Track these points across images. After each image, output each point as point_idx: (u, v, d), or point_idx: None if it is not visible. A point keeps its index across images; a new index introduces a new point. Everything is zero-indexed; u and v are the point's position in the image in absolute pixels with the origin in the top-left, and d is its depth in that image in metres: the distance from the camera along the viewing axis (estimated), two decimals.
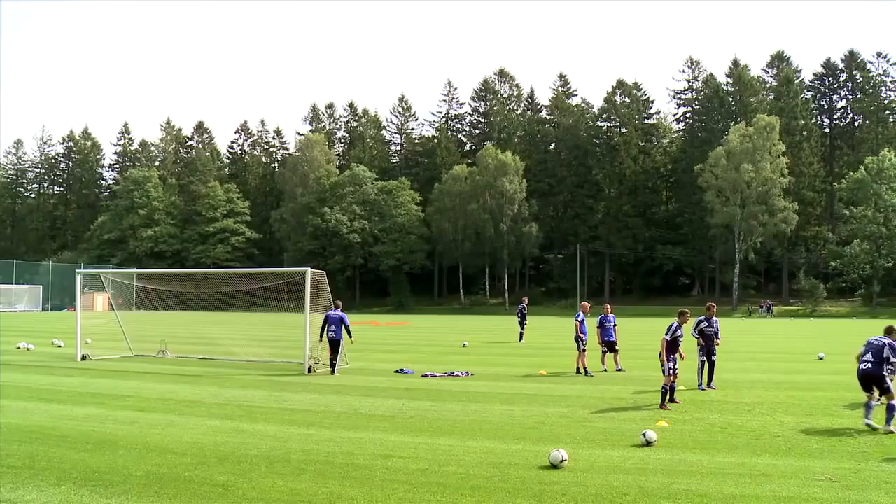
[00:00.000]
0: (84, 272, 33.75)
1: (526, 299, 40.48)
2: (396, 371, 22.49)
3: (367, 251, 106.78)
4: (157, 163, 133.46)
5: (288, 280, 29.88)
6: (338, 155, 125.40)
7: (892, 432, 12.54)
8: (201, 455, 10.75)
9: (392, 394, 17.51)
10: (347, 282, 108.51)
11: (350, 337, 22.07)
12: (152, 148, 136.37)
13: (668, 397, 15.53)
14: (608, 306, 23.74)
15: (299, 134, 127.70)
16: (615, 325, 22.87)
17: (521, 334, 36.80)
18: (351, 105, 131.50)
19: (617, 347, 22.68)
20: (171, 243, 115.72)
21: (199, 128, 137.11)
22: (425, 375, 21.32)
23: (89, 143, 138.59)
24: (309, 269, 23.17)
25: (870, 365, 13.25)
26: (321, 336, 21.95)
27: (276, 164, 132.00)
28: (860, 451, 11.38)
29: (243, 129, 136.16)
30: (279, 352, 27.58)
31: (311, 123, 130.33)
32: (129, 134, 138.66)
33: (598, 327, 22.66)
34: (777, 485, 9.30)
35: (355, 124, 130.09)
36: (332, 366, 21.91)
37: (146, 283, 37.71)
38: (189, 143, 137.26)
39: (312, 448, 11.29)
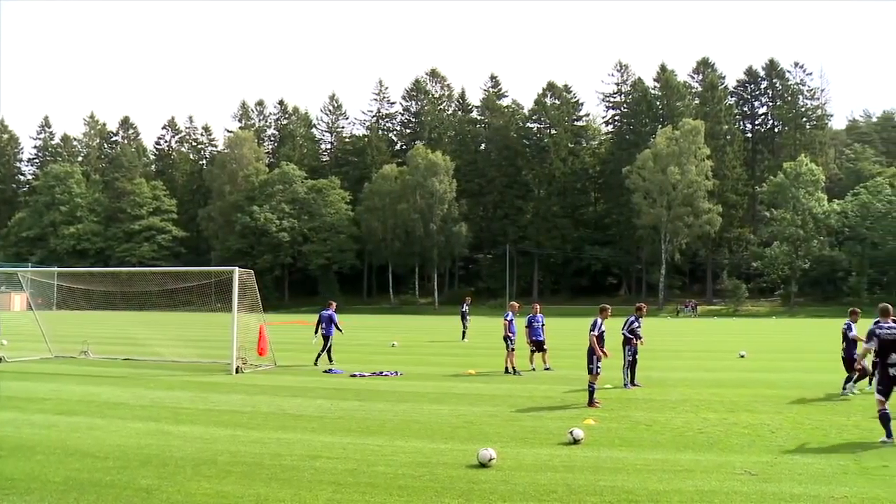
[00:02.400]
0: (0, 270, 32.74)
1: (469, 299, 40.78)
2: (325, 371, 22.39)
3: (296, 250, 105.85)
4: (79, 158, 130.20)
5: (215, 279, 29.46)
6: (267, 153, 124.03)
7: None
8: (124, 458, 10.52)
9: (320, 394, 17.41)
10: (276, 281, 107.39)
11: (340, 331, 24.84)
12: (75, 143, 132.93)
13: (593, 396, 15.70)
14: (536, 306, 23.99)
15: (228, 131, 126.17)
16: (543, 325, 23.09)
17: (463, 333, 37.14)
18: (281, 103, 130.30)
19: (545, 347, 22.89)
20: (95, 241, 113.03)
21: (125, 123, 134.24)
22: (354, 375, 21.25)
23: (6, 136, 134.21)
24: (237, 269, 22.87)
25: None
26: (315, 332, 24.64)
27: (205, 162, 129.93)
28: (777, 445, 11.73)
29: (171, 126, 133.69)
30: (206, 352, 27.17)
31: (240, 121, 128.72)
32: (49, 128, 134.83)
33: (526, 326, 22.85)
34: (699, 480, 9.51)
35: (285, 122, 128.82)
36: (317, 357, 24.01)
37: (68, 282, 36.72)
38: (114, 138, 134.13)
39: (239, 449, 11.15)
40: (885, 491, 9.05)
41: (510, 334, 22.51)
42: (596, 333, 15.86)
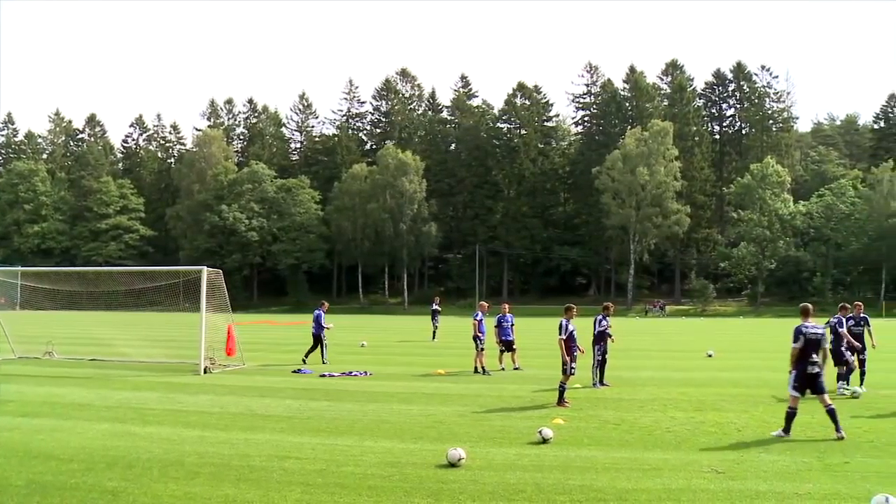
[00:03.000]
0: None
1: (438, 298, 40.81)
2: (294, 371, 22.30)
3: (265, 250, 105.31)
4: (44, 156, 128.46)
5: (184, 279, 29.16)
6: (236, 151, 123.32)
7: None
8: (89, 461, 10.39)
9: (289, 394, 17.33)
10: (245, 281, 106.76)
11: (327, 328, 25.07)
12: (39, 140, 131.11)
13: (563, 395, 15.75)
14: (506, 306, 24.05)
15: (197, 129, 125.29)
16: (513, 325, 23.13)
17: (434, 333, 37.19)
18: (250, 101, 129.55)
19: (515, 347, 22.94)
20: (60, 240, 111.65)
21: (91, 120, 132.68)
22: (323, 375, 21.19)
23: None
24: (205, 268, 22.70)
25: None
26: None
27: (173, 160, 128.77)
28: (743, 443, 11.87)
29: (138, 123, 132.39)
30: (174, 352, 26.93)
31: (209, 119, 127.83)
32: (13, 124, 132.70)
33: (495, 326, 22.88)
34: (667, 478, 9.60)
35: (255, 121, 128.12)
36: (322, 356, 24.57)
37: (32, 282, 36.20)
38: (80, 135, 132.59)
39: (207, 450, 11.07)
40: (846, 487, 9.20)
41: (479, 334, 22.55)
42: (563, 337, 15.83)
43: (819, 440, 12.16)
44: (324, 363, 24.17)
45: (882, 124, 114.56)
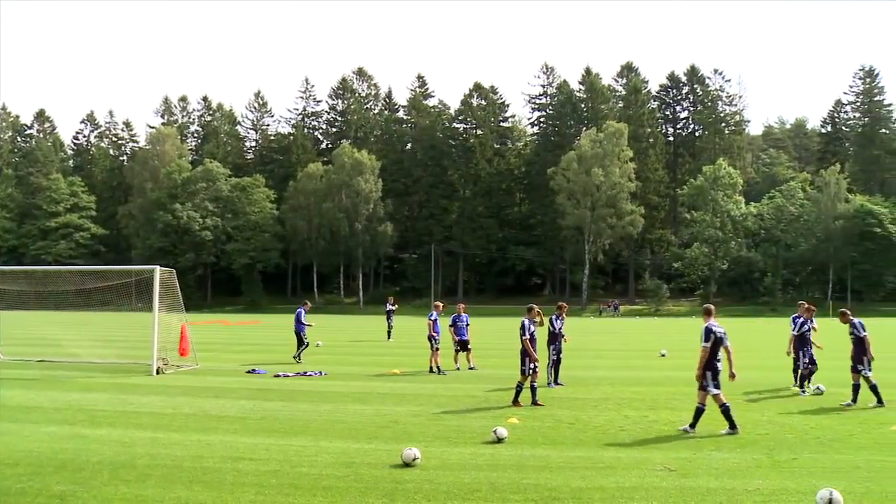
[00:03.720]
0: None
1: (392, 298, 40.78)
2: (248, 371, 22.14)
3: (219, 249, 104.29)
4: None
5: (136, 278, 28.78)
6: (190, 150, 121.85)
7: None
8: (37, 464, 10.19)
9: (243, 395, 17.20)
10: (199, 280, 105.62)
11: (307, 325, 25.59)
12: None
13: (519, 395, 15.75)
14: (461, 306, 24.09)
15: (150, 127, 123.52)
16: (468, 325, 23.19)
17: (388, 332, 37.16)
18: (205, 99, 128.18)
19: (470, 346, 22.99)
20: (7, 238, 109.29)
21: (40, 116, 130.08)
22: (278, 375, 21.07)
23: None
24: (158, 268, 22.44)
25: None
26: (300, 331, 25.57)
27: (125, 158, 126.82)
28: (695, 441, 12.04)
29: (90, 120, 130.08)
30: (126, 353, 26.56)
31: (162, 116, 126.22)
32: None
33: (450, 326, 22.91)
34: (621, 476, 9.70)
35: (209, 119, 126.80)
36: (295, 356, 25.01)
37: None
38: (28, 131, 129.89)
39: (159, 452, 10.93)
40: (794, 483, 9.39)
41: (434, 334, 22.59)
42: (527, 336, 15.84)
43: (768, 437, 12.38)
44: (296, 360, 24.68)
45: (829, 129, 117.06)
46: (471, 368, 22.59)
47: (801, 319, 18.16)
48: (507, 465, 10.28)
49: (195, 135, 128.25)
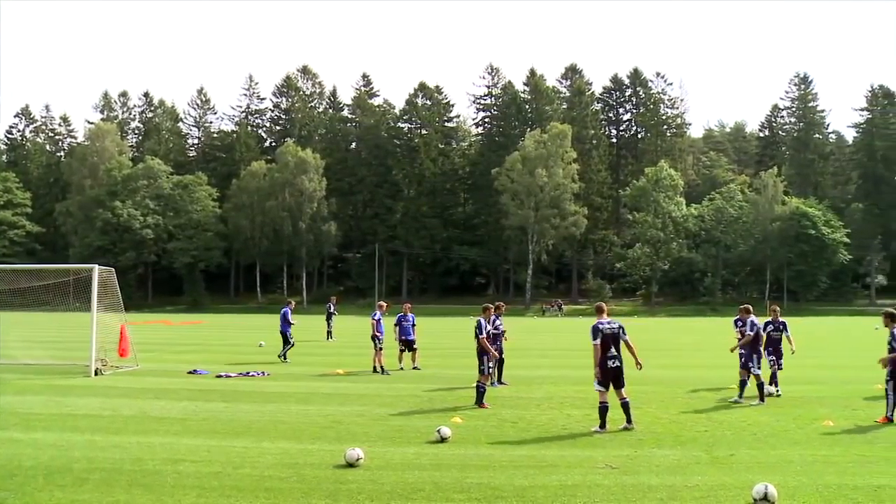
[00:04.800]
0: None
1: (334, 298, 40.58)
2: (189, 372, 21.85)
3: (160, 248, 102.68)
4: None
5: (74, 277, 28.19)
6: (131, 146, 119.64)
7: None
8: None
9: (185, 395, 16.99)
10: (139, 279, 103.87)
11: (292, 324, 25.66)
12: None
13: (483, 395, 15.66)
14: (407, 305, 24.07)
15: (89, 122, 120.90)
16: (414, 325, 23.18)
17: (329, 332, 36.99)
18: (146, 94, 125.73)
19: (415, 346, 23.00)
20: None
21: None
22: (220, 376, 20.85)
23: None
24: (97, 266, 22.03)
25: None
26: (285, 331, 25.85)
27: (63, 154, 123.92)
28: (636, 439, 12.20)
29: (24, 114, 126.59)
30: (63, 354, 25.98)
31: (102, 112, 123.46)
32: None
33: (395, 325, 22.90)
34: (563, 474, 9.79)
35: (150, 115, 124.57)
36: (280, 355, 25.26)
37: None
38: None
39: (97, 455, 10.73)
40: (731, 478, 9.59)
41: (378, 334, 22.52)
42: (483, 336, 15.82)
43: (707, 434, 12.61)
44: (282, 359, 25.07)
45: (766, 133, 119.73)
46: (414, 368, 22.61)
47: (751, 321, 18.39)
48: (451, 465, 10.31)
49: (136, 131, 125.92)
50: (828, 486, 9.26)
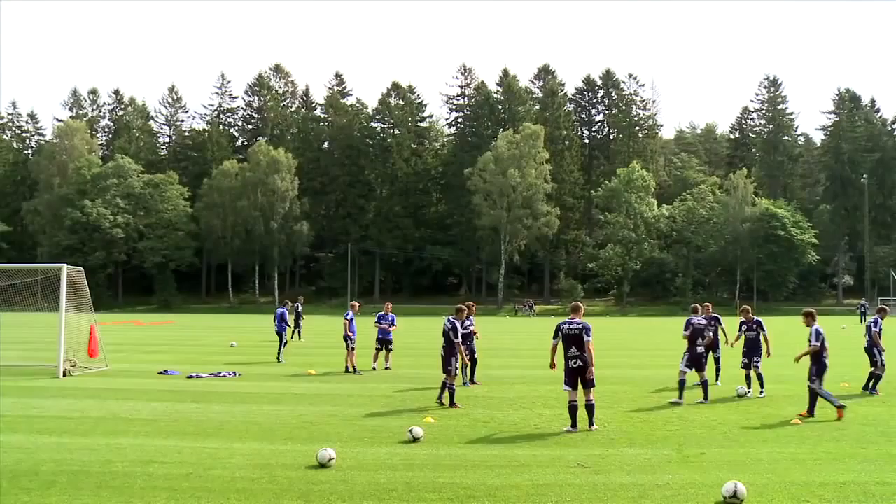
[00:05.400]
0: None
1: (301, 298, 40.40)
2: (160, 372, 21.69)
3: (131, 247, 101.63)
4: None
5: (42, 277, 27.92)
6: (101, 145, 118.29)
7: None
8: None
9: (155, 396, 16.87)
10: (109, 279, 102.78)
11: (288, 326, 25.85)
12: None
13: (453, 395, 15.65)
14: (388, 305, 23.94)
15: (58, 120, 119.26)
16: (393, 325, 23.09)
17: (299, 333, 36.81)
18: (116, 92, 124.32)
19: (391, 347, 22.95)
20: None
21: None
22: (191, 376, 20.71)
23: None
24: (65, 266, 21.81)
25: None
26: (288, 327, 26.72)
27: (30, 152, 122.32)
28: (608, 438, 12.29)
29: None
30: (30, 354, 25.72)
31: (71, 109, 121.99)
32: None
33: (376, 323, 22.85)
34: (535, 474, 9.84)
35: (121, 113, 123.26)
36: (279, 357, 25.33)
37: None
38: None
39: (65, 458, 10.62)
40: (701, 476, 9.70)
41: (350, 334, 22.50)
42: (458, 340, 15.74)
43: (678, 433, 12.72)
44: (279, 361, 24.96)
45: (737, 134, 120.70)
46: (386, 368, 22.60)
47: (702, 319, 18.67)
48: (423, 465, 10.33)
49: (106, 129, 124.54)
50: (795, 483, 9.39)
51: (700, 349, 16.49)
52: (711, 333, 18.01)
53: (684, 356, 16.53)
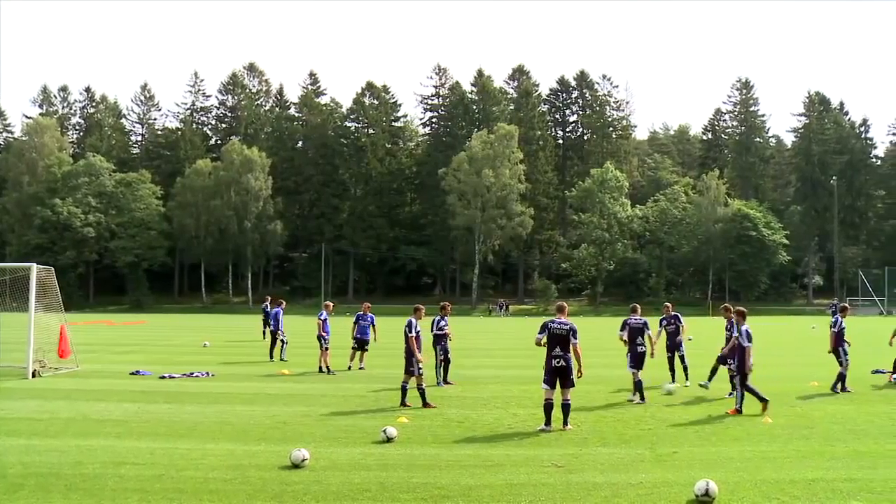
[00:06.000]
0: None
1: (269, 298, 40.10)
2: (132, 373, 21.53)
3: (102, 246, 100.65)
4: None
5: (11, 276, 27.53)
6: (72, 142, 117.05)
7: None
8: None
9: (127, 397, 16.74)
10: (80, 279, 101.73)
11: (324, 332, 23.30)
12: None
13: (405, 395, 15.67)
14: (366, 305, 23.86)
15: (27, 117, 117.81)
16: (373, 325, 23.03)
17: (266, 333, 36.50)
18: (88, 89, 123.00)
19: (367, 347, 22.89)
20: None
21: None
22: (163, 377, 20.57)
23: None
24: (34, 265, 21.57)
25: None
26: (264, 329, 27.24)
27: None
28: (581, 438, 12.35)
29: None
30: None
31: (41, 106, 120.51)
32: None
33: (354, 323, 22.79)
34: (510, 473, 9.87)
35: (92, 111, 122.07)
36: (271, 352, 25.74)
37: None
38: None
39: (34, 460, 10.50)
40: (674, 475, 9.78)
41: (324, 334, 22.48)
42: (413, 335, 15.83)
43: (651, 432, 12.80)
44: (282, 360, 25.14)
45: (710, 136, 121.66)
46: (360, 368, 22.57)
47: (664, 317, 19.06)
48: (397, 465, 10.33)
49: (77, 127, 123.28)
50: (766, 481, 9.50)
51: (641, 348, 16.74)
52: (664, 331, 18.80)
53: (628, 357, 16.79)
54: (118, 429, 12.98)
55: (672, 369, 18.78)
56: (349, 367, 22.51)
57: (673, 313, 19.12)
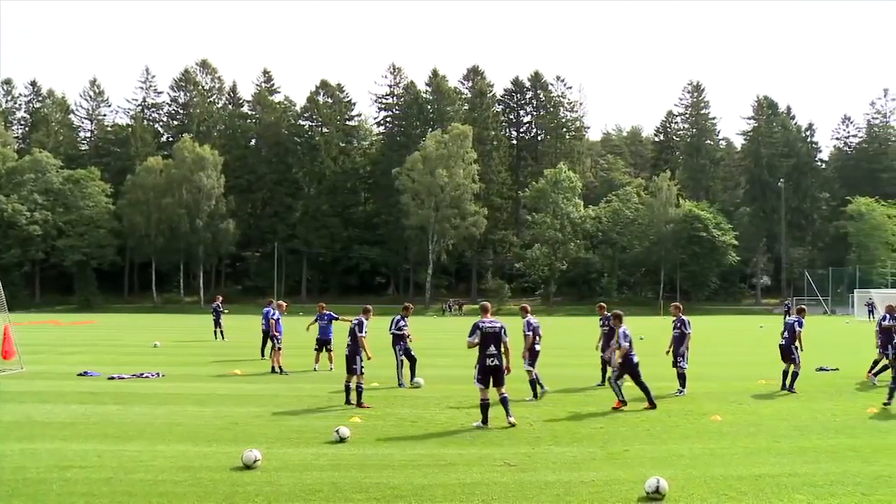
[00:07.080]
0: None
1: (220, 297, 39.78)
2: (80, 374, 21.15)
3: (49, 245, 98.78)
4: None
5: None
6: (17, 138, 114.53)
7: None
8: None
9: (74, 398, 16.45)
10: (26, 277, 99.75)
11: (277, 331, 23.13)
12: None
13: (361, 395, 15.62)
14: (322, 305, 23.64)
15: None
16: (331, 322, 22.84)
17: (220, 332, 36.22)
18: (33, 84, 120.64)
19: (331, 347, 22.64)
20: None
21: None
22: (112, 378, 20.25)
23: None
24: None
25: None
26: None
27: None
28: (534, 436, 12.43)
29: None
30: None
31: None
32: None
33: (314, 322, 22.63)
34: (462, 473, 9.89)
35: (38, 105, 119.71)
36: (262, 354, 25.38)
37: None
38: None
39: None
40: (626, 473, 9.90)
41: (277, 333, 22.32)
42: (363, 335, 15.79)
43: (603, 430, 12.93)
44: (262, 357, 24.89)
45: (662, 137, 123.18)
46: (330, 369, 22.31)
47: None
48: (350, 465, 10.30)
49: (22, 122, 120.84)
50: (715, 477, 9.66)
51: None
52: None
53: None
54: (64, 431, 12.75)
55: (603, 369, 18.86)
56: (315, 369, 22.29)
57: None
